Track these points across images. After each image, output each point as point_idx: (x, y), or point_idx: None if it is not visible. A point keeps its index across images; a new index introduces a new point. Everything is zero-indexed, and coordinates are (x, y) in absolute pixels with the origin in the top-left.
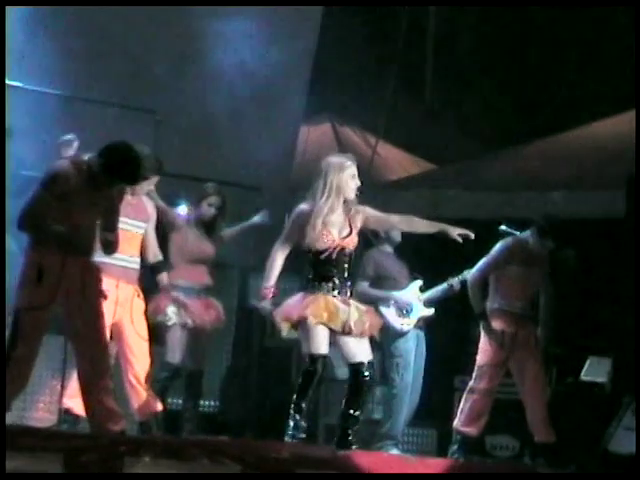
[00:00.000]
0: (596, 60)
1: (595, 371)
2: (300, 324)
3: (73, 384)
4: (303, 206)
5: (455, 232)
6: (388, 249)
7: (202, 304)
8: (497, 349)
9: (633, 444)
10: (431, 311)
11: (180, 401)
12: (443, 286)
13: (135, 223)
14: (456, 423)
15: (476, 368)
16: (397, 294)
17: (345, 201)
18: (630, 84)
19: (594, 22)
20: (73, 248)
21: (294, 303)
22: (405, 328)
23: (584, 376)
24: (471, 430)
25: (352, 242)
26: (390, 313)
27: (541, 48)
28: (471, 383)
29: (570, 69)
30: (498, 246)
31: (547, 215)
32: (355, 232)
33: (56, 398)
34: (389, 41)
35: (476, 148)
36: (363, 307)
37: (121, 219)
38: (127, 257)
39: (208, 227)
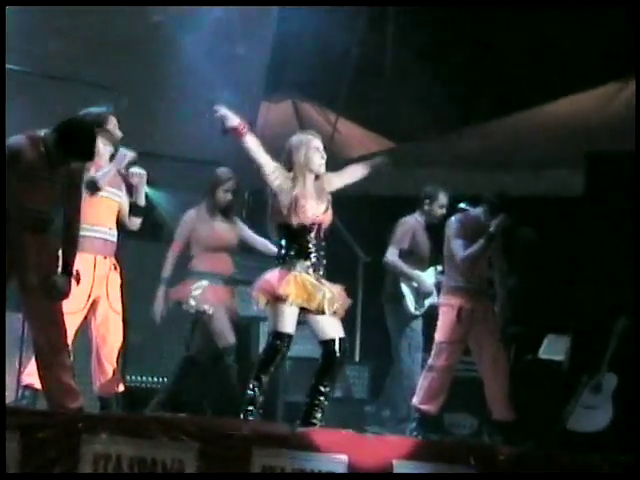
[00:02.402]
0: (558, 39)
1: (553, 349)
2: (274, 300)
3: (33, 361)
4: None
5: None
6: (425, 222)
7: (227, 291)
8: (455, 326)
9: (591, 423)
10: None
11: (139, 378)
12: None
13: (112, 190)
14: (415, 401)
15: (435, 345)
16: (423, 277)
17: (317, 177)
18: (591, 62)
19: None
20: (28, 225)
21: (273, 279)
22: (417, 312)
23: (542, 354)
24: (430, 408)
25: (328, 218)
26: (409, 293)
27: (504, 25)
28: (430, 360)
29: (532, 48)
30: (453, 223)
31: (498, 191)
32: (330, 208)
33: (14, 375)
34: (350, 18)
35: (436, 127)
36: (334, 287)
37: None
38: (106, 229)
39: (224, 213)
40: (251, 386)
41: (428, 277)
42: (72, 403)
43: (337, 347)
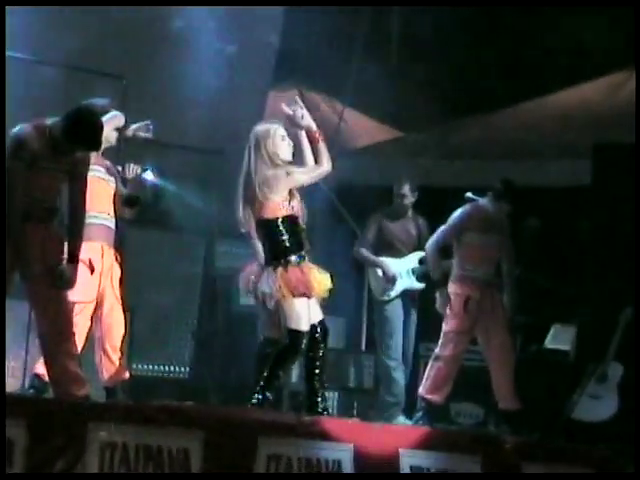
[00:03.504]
0: (566, 28)
1: (559, 339)
2: (296, 297)
3: None
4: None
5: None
6: (390, 212)
7: None
8: (462, 316)
9: (596, 412)
10: (420, 285)
11: (144, 367)
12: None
13: (107, 173)
14: (421, 390)
15: (442, 335)
16: (386, 262)
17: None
18: (599, 52)
19: None
20: (33, 215)
21: (296, 275)
22: (385, 298)
23: (548, 344)
24: (436, 397)
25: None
26: (374, 280)
27: (511, 16)
28: (436, 350)
29: (539, 38)
30: (457, 212)
31: (502, 179)
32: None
33: (20, 363)
34: (356, 7)
35: (443, 116)
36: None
37: (96, 167)
38: (107, 216)
39: None
40: (263, 383)
41: (400, 263)
42: (78, 390)
43: (319, 330)
